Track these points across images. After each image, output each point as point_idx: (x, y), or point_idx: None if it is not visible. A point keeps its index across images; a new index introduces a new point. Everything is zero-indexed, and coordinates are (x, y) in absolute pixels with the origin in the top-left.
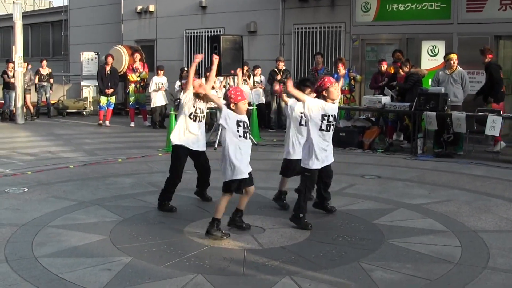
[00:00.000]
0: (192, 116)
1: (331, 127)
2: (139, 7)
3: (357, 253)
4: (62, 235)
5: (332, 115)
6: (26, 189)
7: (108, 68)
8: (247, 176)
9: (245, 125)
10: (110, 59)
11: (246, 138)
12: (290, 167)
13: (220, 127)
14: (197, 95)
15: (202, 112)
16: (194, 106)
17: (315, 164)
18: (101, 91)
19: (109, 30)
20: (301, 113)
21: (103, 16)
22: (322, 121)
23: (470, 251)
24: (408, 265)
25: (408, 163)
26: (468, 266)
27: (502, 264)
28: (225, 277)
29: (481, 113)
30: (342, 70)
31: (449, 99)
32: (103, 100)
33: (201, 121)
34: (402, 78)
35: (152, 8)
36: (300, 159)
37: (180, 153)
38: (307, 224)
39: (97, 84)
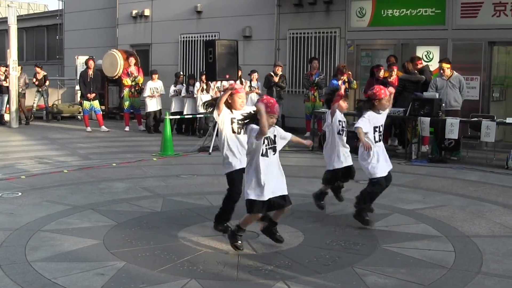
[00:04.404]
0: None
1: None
2: (134, 12)
3: (351, 258)
4: (55, 240)
5: (381, 125)
6: (20, 194)
7: (90, 72)
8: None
9: (270, 141)
10: (91, 62)
11: (268, 156)
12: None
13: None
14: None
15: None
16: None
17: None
18: (82, 96)
19: (104, 34)
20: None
21: (98, 20)
22: (374, 133)
23: (464, 256)
24: (402, 270)
25: (402, 168)
26: (462, 271)
27: (495, 269)
28: (218, 282)
29: (475, 119)
30: (344, 77)
31: (444, 104)
32: (86, 104)
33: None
34: (394, 83)
35: (147, 12)
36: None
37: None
38: (366, 220)
39: (79, 88)
